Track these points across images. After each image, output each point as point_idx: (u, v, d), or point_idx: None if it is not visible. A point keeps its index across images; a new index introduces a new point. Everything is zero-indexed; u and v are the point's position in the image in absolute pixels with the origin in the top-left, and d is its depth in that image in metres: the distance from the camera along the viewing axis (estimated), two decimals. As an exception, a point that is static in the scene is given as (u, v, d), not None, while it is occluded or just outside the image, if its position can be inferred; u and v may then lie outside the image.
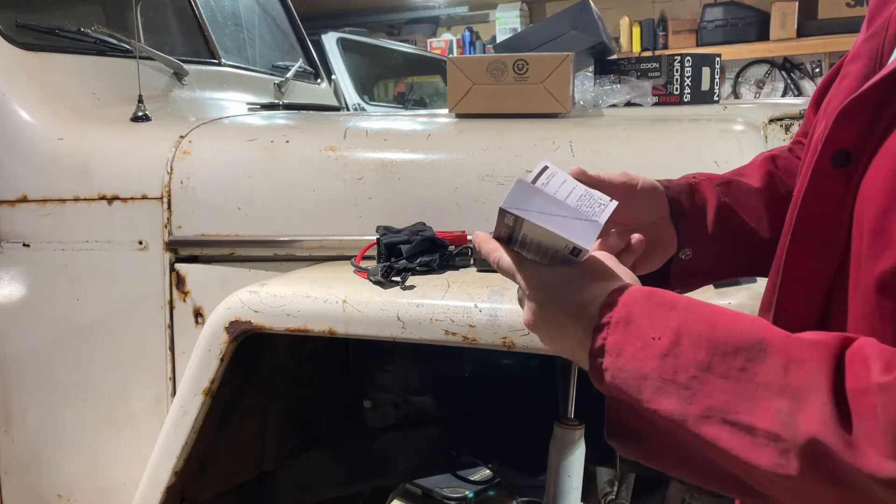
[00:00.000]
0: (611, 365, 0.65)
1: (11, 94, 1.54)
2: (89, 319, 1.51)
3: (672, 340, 0.62)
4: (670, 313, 0.64)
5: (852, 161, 0.67)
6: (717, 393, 0.60)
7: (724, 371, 0.60)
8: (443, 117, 1.72)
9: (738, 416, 0.58)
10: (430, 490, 2.44)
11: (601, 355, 0.66)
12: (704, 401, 0.60)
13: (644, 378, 0.63)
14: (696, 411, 0.60)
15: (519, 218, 0.70)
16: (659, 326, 0.64)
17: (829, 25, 5.37)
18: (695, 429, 0.61)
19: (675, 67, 1.93)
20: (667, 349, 0.62)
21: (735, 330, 0.61)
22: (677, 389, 0.61)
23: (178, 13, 2.22)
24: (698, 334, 0.62)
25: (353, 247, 1.34)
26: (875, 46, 0.71)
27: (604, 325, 0.66)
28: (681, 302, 0.66)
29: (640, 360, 0.63)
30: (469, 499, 2.40)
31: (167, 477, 1.27)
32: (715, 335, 0.61)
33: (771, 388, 0.57)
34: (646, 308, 0.65)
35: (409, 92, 5.25)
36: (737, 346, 0.60)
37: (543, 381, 1.48)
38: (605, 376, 0.66)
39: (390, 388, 1.57)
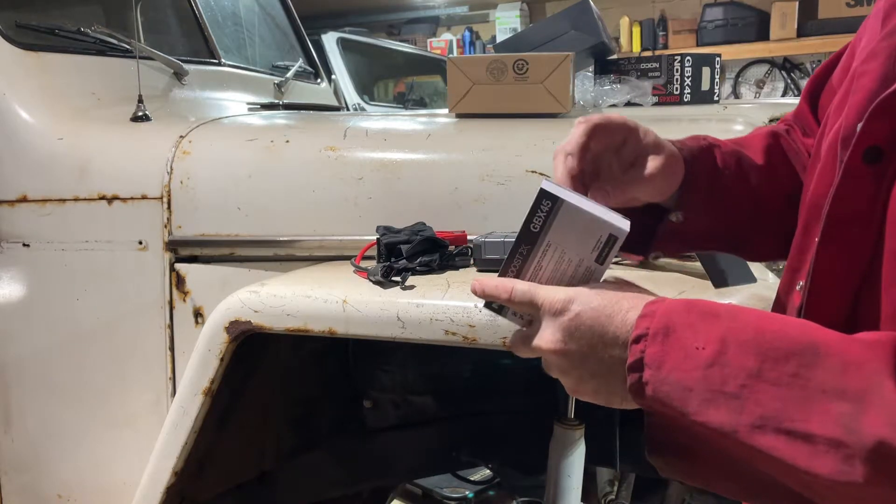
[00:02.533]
0: (651, 378, 0.63)
1: (11, 94, 1.54)
2: (89, 319, 1.51)
3: (717, 349, 0.60)
4: (713, 321, 0.62)
5: (884, 158, 0.67)
6: (769, 401, 0.57)
7: (775, 377, 0.57)
8: (443, 117, 1.72)
9: (794, 423, 0.56)
10: (430, 490, 2.44)
11: (640, 369, 0.63)
12: (756, 410, 0.58)
13: (689, 390, 0.61)
14: (747, 421, 0.58)
15: (558, 200, 0.70)
16: (702, 336, 0.61)
17: (829, 25, 5.37)
18: (747, 440, 0.59)
19: (675, 67, 1.93)
20: (712, 359, 0.60)
21: (785, 334, 0.59)
22: (726, 400, 0.59)
23: (178, 13, 2.22)
24: (745, 341, 0.60)
25: (353, 247, 1.34)
26: (892, 45, 0.70)
27: (641, 336, 0.64)
28: (723, 309, 0.63)
29: (683, 371, 0.61)
30: (469, 499, 2.39)
31: (167, 477, 1.27)
32: (763, 341, 0.59)
33: (829, 392, 0.55)
34: (685, 318, 0.63)
35: (409, 92, 5.25)
36: (788, 350, 0.58)
37: (543, 381, 1.48)
38: (646, 391, 0.63)
39: (390, 388, 1.57)
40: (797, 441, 0.56)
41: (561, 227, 0.70)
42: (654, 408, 0.64)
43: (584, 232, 0.71)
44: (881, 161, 0.67)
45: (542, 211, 0.71)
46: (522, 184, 1.35)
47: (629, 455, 1.46)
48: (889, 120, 0.66)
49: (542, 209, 0.71)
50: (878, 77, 0.70)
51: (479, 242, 1.22)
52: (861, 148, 0.67)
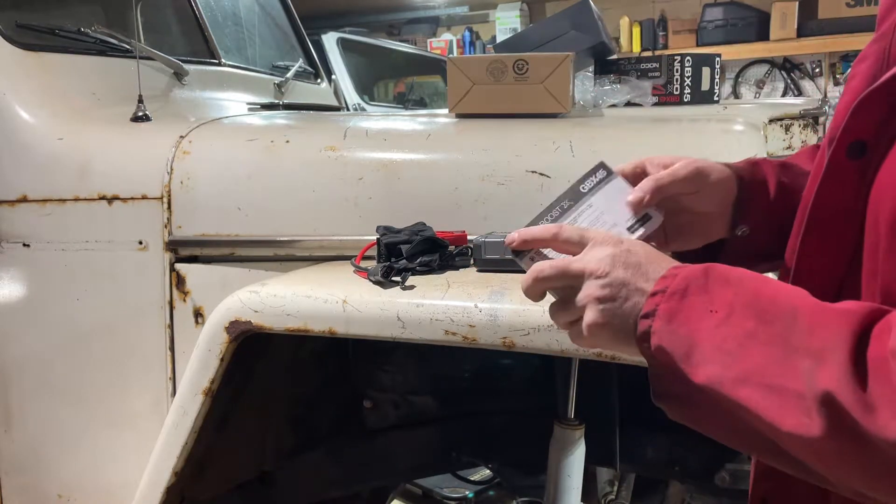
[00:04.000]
0: (660, 329, 0.68)
1: (11, 94, 1.54)
2: (89, 319, 1.51)
3: (727, 313, 0.65)
4: (725, 288, 0.67)
5: (867, 153, 0.68)
6: (756, 357, 0.62)
7: (765, 338, 0.62)
8: (443, 117, 1.72)
9: (772, 378, 0.61)
10: (430, 490, 2.44)
11: (651, 317, 0.69)
12: (742, 365, 0.63)
13: (694, 345, 0.66)
14: (732, 375, 0.63)
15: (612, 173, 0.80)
16: (717, 301, 0.66)
17: (829, 25, 5.37)
18: (730, 392, 0.63)
19: (675, 67, 1.93)
20: (721, 320, 0.65)
21: (777, 299, 0.64)
22: (721, 356, 0.64)
23: (178, 13, 2.22)
24: (747, 304, 0.65)
25: (353, 247, 1.34)
26: (882, 47, 0.73)
27: (659, 291, 0.69)
28: (734, 275, 0.68)
29: (693, 329, 0.66)
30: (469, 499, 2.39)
31: (167, 477, 1.27)
32: (760, 305, 0.64)
33: (800, 350, 0.60)
34: (703, 283, 0.68)
35: (409, 92, 5.25)
36: (776, 313, 0.63)
37: (543, 381, 1.49)
38: (652, 339, 0.68)
39: (390, 388, 1.57)
40: (771, 395, 0.61)
41: (607, 195, 0.79)
42: (654, 357, 0.70)
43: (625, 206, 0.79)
44: (864, 155, 0.69)
45: (596, 178, 0.80)
46: (522, 184, 1.35)
47: (629, 455, 1.47)
48: (871, 115, 0.68)
49: (595, 176, 0.80)
50: (867, 78, 0.72)
51: (479, 242, 1.22)
52: (844, 143, 0.70)
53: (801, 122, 1.77)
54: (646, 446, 1.47)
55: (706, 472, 1.41)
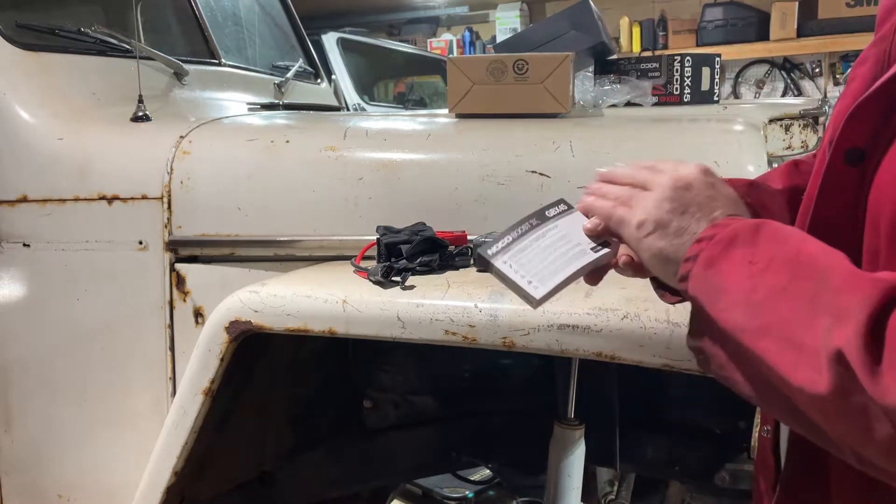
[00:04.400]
0: (697, 274, 0.70)
1: (11, 94, 1.54)
2: (89, 319, 1.51)
3: (764, 266, 0.66)
4: (772, 243, 0.68)
5: (865, 159, 0.68)
6: (782, 311, 0.63)
7: (795, 293, 0.63)
8: (443, 117, 1.72)
9: (791, 332, 0.62)
10: (430, 490, 2.44)
11: (692, 261, 0.71)
12: (767, 316, 0.64)
13: (724, 291, 0.68)
14: (755, 325, 0.64)
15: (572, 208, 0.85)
16: (759, 254, 0.67)
17: (829, 25, 5.37)
18: (749, 341, 0.65)
19: (675, 67, 1.93)
20: (757, 272, 0.66)
21: (814, 257, 0.65)
22: (747, 305, 0.65)
23: (178, 13, 2.22)
24: (786, 259, 0.66)
25: (353, 247, 1.34)
26: (882, 50, 0.73)
27: (706, 238, 0.71)
28: (783, 232, 0.69)
29: (726, 276, 0.68)
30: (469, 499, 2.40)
31: (167, 477, 1.27)
32: (798, 260, 0.65)
33: (824, 309, 0.60)
34: (752, 237, 0.69)
35: (409, 92, 5.25)
36: (810, 271, 0.63)
37: (543, 381, 1.49)
38: (690, 283, 0.71)
39: (390, 388, 1.57)
40: (789, 349, 0.62)
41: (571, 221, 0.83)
42: (690, 297, 0.73)
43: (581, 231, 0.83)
44: (862, 162, 0.69)
45: (559, 209, 0.84)
46: (522, 184, 1.35)
47: (629, 455, 1.47)
48: (867, 122, 0.69)
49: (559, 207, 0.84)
50: (866, 81, 0.73)
51: (479, 242, 1.22)
52: (842, 149, 0.70)
53: (800, 122, 1.77)
54: (646, 446, 1.47)
55: (706, 472, 1.41)
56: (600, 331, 0.98)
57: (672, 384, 1.46)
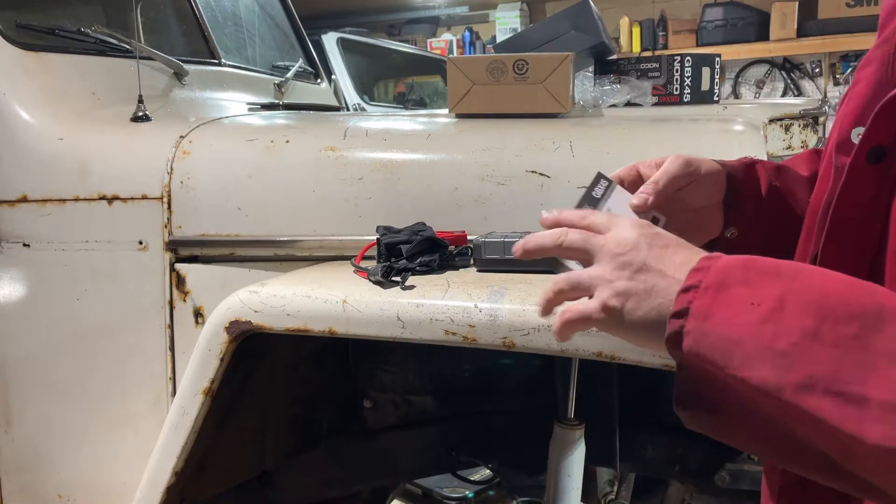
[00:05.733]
0: (694, 329, 0.62)
1: (11, 94, 1.54)
2: (89, 319, 1.51)
3: (774, 307, 0.59)
4: (773, 280, 0.61)
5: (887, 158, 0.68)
6: (823, 361, 0.56)
7: (833, 339, 0.56)
8: (443, 117, 1.72)
9: (848, 385, 0.55)
10: (430, 490, 2.44)
11: (683, 317, 0.62)
12: (806, 369, 0.57)
13: (735, 344, 0.59)
14: (795, 380, 0.57)
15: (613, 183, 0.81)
16: (760, 293, 0.60)
17: (829, 25, 5.37)
18: (792, 399, 0.57)
19: (675, 67, 1.93)
20: (767, 315, 0.59)
21: (850, 297, 0.58)
22: (773, 357, 0.58)
23: (178, 13, 2.22)
24: (806, 301, 0.58)
25: (353, 247, 1.34)
26: (886, 52, 0.72)
27: (691, 287, 0.63)
28: (785, 268, 0.62)
29: (733, 325, 0.60)
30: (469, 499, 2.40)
31: (167, 477, 1.27)
32: (827, 303, 0.58)
33: (892, 356, 0.54)
34: (742, 275, 0.62)
35: (409, 92, 5.25)
36: (852, 313, 0.57)
37: (543, 381, 1.49)
38: (685, 341, 0.62)
39: (390, 388, 1.57)
40: (848, 404, 0.55)
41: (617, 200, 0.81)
42: (688, 360, 0.63)
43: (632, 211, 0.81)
44: (884, 160, 0.68)
45: (601, 186, 0.81)
46: (522, 184, 1.35)
47: (629, 455, 1.47)
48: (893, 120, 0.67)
49: (600, 185, 0.81)
50: (873, 83, 0.72)
51: (479, 242, 1.22)
52: (865, 148, 0.68)
53: (800, 122, 1.77)
54: (646, 446, 1.47)
55: (706, 472, 1.41)
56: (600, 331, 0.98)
57: (672, 384, 1.45)
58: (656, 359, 0.96)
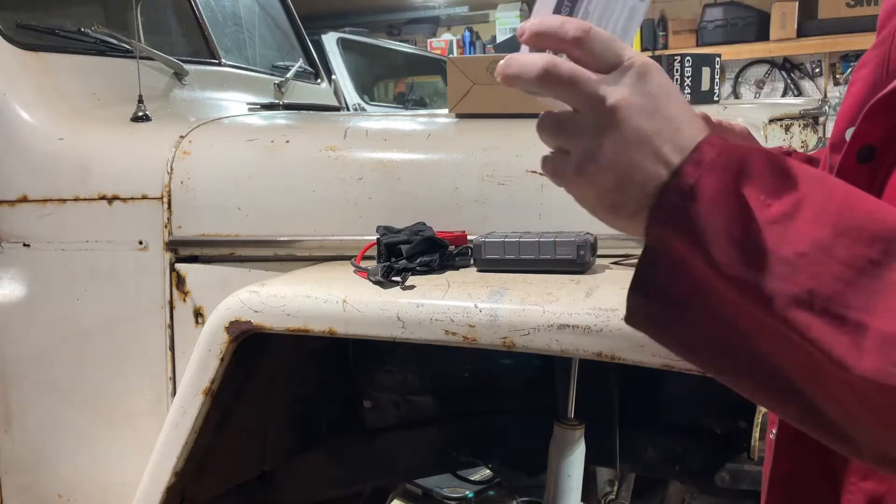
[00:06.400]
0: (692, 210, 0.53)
1: (11, 94, 1.54)
2: (89, 319, 1.51)
3: (786, 211, 0.52)
4: (795, 180, 0.54)
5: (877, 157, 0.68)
6: (828, 279, 0.51)
7: (847, 257, 0.51)
8: (443, 117, 1.72)
9: (848, 309, 0.50)
10: (430, 490, 2.44)
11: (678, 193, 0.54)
12: (808, 282, 0.51)
13: (733, 239, 0.53)
14: (790, 291, 0.51)
15: None
16: (776, 191, 0.53)
17: (829, 25, 5.37)
18: (782, 310, 0.52)
19: (675, 67, 1.93)
20: (777, 217, 0.52)
21: (879, 216, 0.52)
22: (774, 262, 0.52)
23: (178, 13, 2.22)
24: (826, 210, 0.52)
25: (353, 247, 1.34)
26: (882, 53, 0.73)
27: (698, 160, 0.54)
28: (810, 172, 0.55)
29: (733, 217, 0.53)
30: (469, 499, 2.40)
31: (167, 477, 1.27)
32: (849, 216, 0.52)
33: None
34: (763, 166, 0.54)
35: (409, 92, 5.25)
36: (877, 234, 0.51)
37: (543, 381, 1.48)
38: (675, 218, 0.54)
39: (390, 388, 1.57)
40: (844, 327, 0.50)
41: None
42: (666, 240, 0.56)
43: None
44: (874, 160, 0.68)
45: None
46: (522, 184, 1.35)
47: (629, 455, 1.47)
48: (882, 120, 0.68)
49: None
50: (868, 84, 0.72)
51: (479, 242, 1.22)
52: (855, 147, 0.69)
53: (801, 122, 1.77)
54: (646, 446, 1.47)
55: (706, 472, 1.41)
56: (600, 331, 0.98)
57: (672, 384, 1.46)
58: (656, 359, 0.96)
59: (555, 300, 1.03)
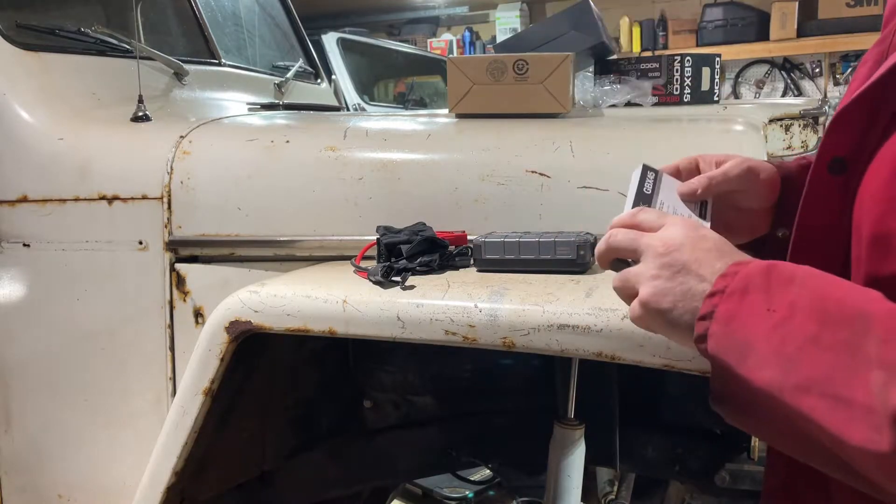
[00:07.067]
0: (717, 332, 0.66)
1: (11, 94, 1.54)
2: (89, 319, 1.51)
3: (786, 315, 0.62)
4: (788, 287, 0.64)
5: (849, 168, 0.68)
6: (819, 365, 0.59)
7: (829, 343, 0.59)
8: (443, 117, 1.72)
9: (836, 388, 0.58)
10: (430, 490, 2.44)
11: (708, 319, 0.66)
12: (805, 371, 0.60)
13: (750, 347, 0.63)
14: (794, 381, 0.60)
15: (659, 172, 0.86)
16: (776, 300, 0.63)
17: (829, 25, 5.37)
18: (791, 400, 0.61)
19: (675, 67, 1.93)
20: (779, 321, 0.62)
21: (845, 302, 0.61)
22: (779, 360, 0.61)
23: (178, 13, 2.22)
24: (811, 307, 0.61)
25: (353, 247, 1.34)
26: (881, 51, 0.73)
27: (717, 292, 0.66)
28: (799, 274, 0.65)
29: (749, 329, 0.63)
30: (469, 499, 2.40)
31: (167, 477, 1.26)
32: (825, 307, 0.61)
33: (873, 361, 0.57)
34: (764, 282, 0.65)
35: (409, 92, 5.25)
36: (844, 318, 0.59)
37: (543, 381, 1.48)
38: (709, 342, 0.66)
39: (390, 388, 1.57)
40: (837, 406, 0.58)
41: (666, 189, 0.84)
42: (712, 359, 0.67)
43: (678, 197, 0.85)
44: (846, 171, 0.68)
45: (649, 179, 0.85)
46: (522, 184, 1.35)
47: (629, 455, 1.47)
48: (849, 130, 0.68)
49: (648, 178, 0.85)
50: (862, 84, 0.72)
51: (479, 242, 1.22)
52: (825, 159, 0.70)
53: (800, 122, 1.77)
54: (646, 446, 1.47)
55: (706, 472, 1.41)
56: (600, 331, 0.98)
57: (672, 384, 1.46)
58: (656, 359, 0.96)
59: (555, 300, 1.03)
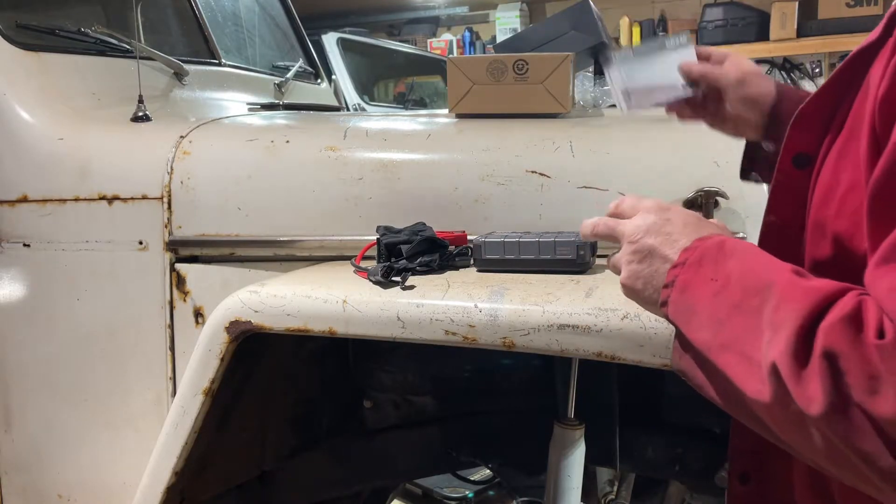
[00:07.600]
0: (675, 299, 0.74)
1: (11, 94, 1.54)
2: (89, 319, 1.51)
3: (723, 283, 0.70)
4: (729, 259, 0.71)
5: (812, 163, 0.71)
6: (737, 327, 0.67)
7: (747, 309, 0.67)
8: (443, 117, 1.72)
9: (744, 347, 0.66)
10: (430, 490, 2.44)
11: (669, 288, 0.75)
12: (727, 333, 0.68)
13: (693, 312, 0.72)
14: (720, 341, 0.69)
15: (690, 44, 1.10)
16: (720, 271, 0.71)
17: (829, 25, 5.37)
18: (716, 357, 0.69)
19: (675, 67, 1.92)
20: (718, 290, 0.70)
21: (761, 273, 0.68)
22: (711, 323, 0.70)
23: (178, 13, 2.22)
24: (740, 276, 0.69)
25: (353, 247, 1.34)
26: None
27: (679, 264, 0.75)
28: (740, 248, 0.73)
29: (696, 296, 0.72)
30: (469, 499, 2.39)
31: (167, 477, 1.27)
32: (748, 278, 0.69)
33: (767, 323, 0.64)
34: (715, 254, 0.73)
35: (409, 92, 5.25)
36: (758, 287, 0.67)
37: (543, 381, 1.48)
38: (669, 308, 0.75)
39: (390, 388, 1.57)
40: (742, 361, 0.66)
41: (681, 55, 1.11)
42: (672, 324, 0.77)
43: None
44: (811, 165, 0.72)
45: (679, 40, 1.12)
46: (522, 184, 1.35)
47: (629, 455, 1.47)
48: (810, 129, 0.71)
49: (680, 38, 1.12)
50: None
51: (479, 242, 1.22)
52: (790, 153, 0.73)
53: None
54: (646, 446, 1.47)
55: (706, 472, 1.41)
56: (600, 331, 0.98)
57: (672, 384, 1.46)
58: (656, 359, 0.96)
59: (555, 300, 1.03)
